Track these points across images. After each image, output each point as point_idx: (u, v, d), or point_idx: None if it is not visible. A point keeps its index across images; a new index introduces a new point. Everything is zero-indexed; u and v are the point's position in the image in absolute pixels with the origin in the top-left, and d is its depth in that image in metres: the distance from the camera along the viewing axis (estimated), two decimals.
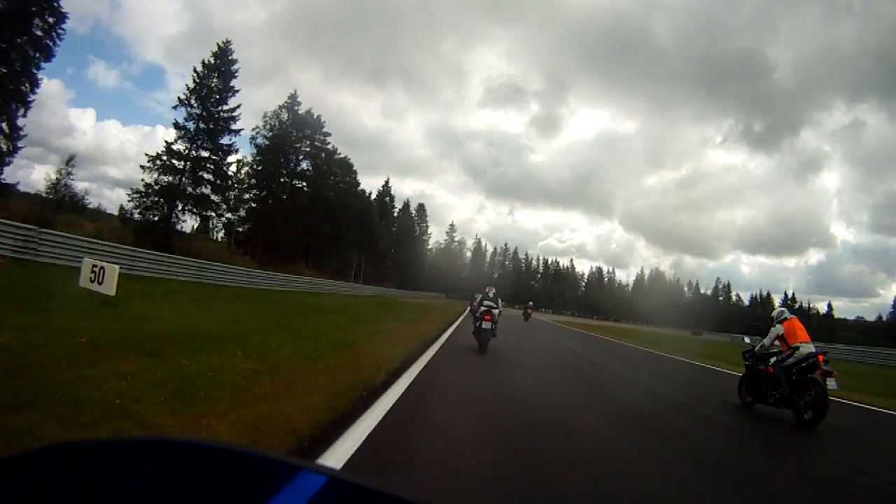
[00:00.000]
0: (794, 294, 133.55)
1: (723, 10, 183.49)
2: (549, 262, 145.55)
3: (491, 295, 13.10)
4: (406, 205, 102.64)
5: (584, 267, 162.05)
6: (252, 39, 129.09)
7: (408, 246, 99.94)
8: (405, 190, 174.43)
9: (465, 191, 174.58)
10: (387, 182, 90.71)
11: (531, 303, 50.41)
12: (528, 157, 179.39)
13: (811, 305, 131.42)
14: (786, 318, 8.61)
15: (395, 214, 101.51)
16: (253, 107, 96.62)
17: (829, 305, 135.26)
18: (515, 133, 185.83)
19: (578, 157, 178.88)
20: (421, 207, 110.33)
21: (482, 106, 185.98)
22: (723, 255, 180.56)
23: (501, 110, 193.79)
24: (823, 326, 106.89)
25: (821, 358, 7.73)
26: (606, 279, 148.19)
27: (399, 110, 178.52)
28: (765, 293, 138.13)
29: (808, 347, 8.05)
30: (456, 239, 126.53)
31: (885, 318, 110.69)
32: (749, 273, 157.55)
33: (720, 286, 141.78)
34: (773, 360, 8.35)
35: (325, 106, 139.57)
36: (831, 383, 7.52)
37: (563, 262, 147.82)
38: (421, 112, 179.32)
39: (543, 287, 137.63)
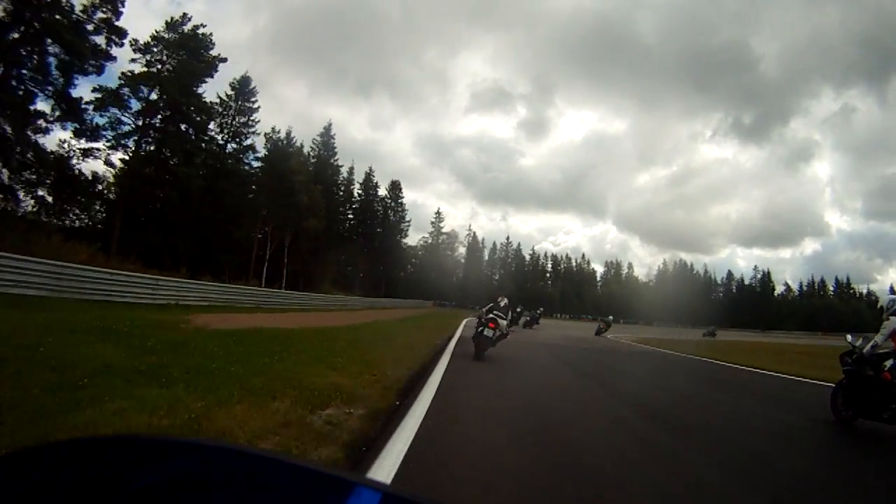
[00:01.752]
0: (848, 278, 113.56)
1: (705, 4, 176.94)
2: (560, 257, 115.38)
3: (502, 305, 12.31)
4: (369, 178, 71.15)
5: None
6: (236, 57, 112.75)
7: (377, 237, 69.26)
8: None
9: (457, 198, 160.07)
10: (328, 128, 58.50)
11: (611, 317, 38.37)
12: (518, 161, 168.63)
13: (869, 291, 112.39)
14: None
15: (358, 193, 70.82)
16: None
17: (893, 289, 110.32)
18: (504, 138, 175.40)
19: (568, 158, 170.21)
20: (395, 186, 79.59)
21: (469, 112, 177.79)
22: (718, 250, 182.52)
23: (489, 115, 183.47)
24: None
25: None
26: (624, 275, 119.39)
27: (387, 121, 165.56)
28: (818, 279, 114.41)
29: None
30: (444, 231, 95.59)
31: None
32: (746, 266, 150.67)
33: (757, 276, 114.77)
34: (889, 363, 6.41)
35: (312, 121, 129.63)
36: None
37: (576, 257, 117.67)
38: (408, 121, 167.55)
39: (555, 288, 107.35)
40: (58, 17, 24.75)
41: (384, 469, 3.24)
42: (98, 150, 30.56)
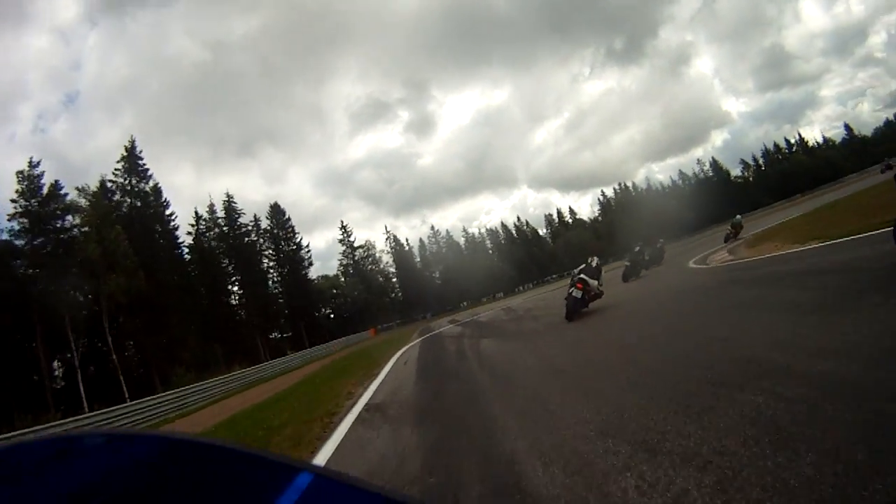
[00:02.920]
0: (799, 134, 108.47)
1: None
2: (497, 230, 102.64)
3: (594, 265, 12.56)
4: (231, 207, 54.19)
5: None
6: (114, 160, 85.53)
7: (260, 281, 52.50)
8: (317, 243, 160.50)
9: (374, 221, 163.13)
10: (132, 145, 39.99)
11: (739, 216, 27.18)
12: (417, 163, 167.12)
13: (825, 138, 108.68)
14: None
15: (223, 230, 53.74)
16: None
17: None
18: (396, 146, 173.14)
19: (464, 143, 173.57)
20: (275, 210, 63.55)
21: (354, 134, 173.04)
22: (635, 174, 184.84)
23: (374, 131, 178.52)
24: None
25: None
26: (570, 221, 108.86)
27: (279, 172, 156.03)
28: (769, 146, 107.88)
29: None
30: (357, 245, 79.50)
31: None
32: (665, 179, 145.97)
33: (704, 168, 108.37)
34: None
35: (208, 198, 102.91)
36: None
37: (512, 224, 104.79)
38: (301, 165, 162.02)
39: (503, 261, 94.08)
40: None
41: None
42: None
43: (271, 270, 59.39)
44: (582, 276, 11.81)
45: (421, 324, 46.41)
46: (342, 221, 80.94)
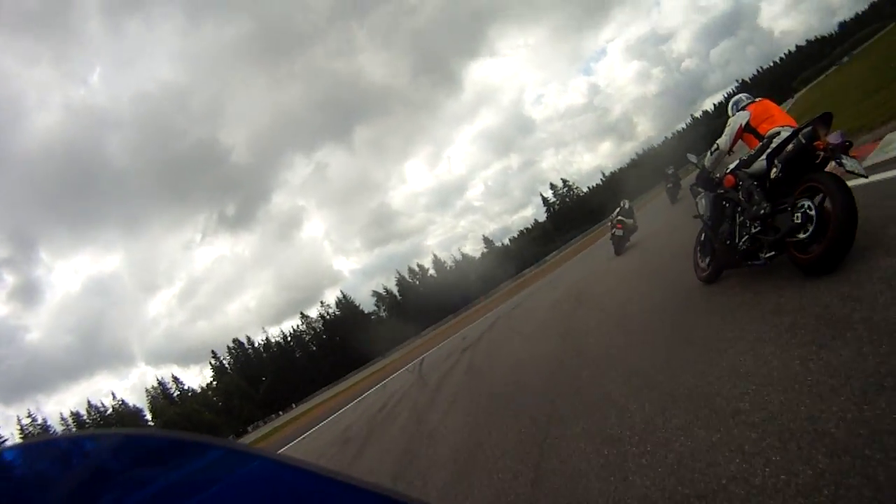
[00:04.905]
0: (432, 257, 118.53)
1: (171, 110, 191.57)
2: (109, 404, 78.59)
3: (627, 207, 15.34)
4: None
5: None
6: None
7: None
8: None
9: None
10: None
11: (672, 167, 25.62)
12: (25, 338, 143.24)
13: (421, 266, 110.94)
14: (753, 102, 4.85)
15: None
16: None
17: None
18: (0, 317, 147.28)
19: (76, 315, 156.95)
20: None
21: None
22: (255, 337, 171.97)
23: None
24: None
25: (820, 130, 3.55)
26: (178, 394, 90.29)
27: None
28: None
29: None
30: None
31: None
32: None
33: (329, 311, 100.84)
34: (731, 166, 4.69)
35: None
36: (851, 164, 3.39)
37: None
38: None
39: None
40: None
41: None
42: None
43: None
44: (620, 217, 14.73)
45: None
46: None
